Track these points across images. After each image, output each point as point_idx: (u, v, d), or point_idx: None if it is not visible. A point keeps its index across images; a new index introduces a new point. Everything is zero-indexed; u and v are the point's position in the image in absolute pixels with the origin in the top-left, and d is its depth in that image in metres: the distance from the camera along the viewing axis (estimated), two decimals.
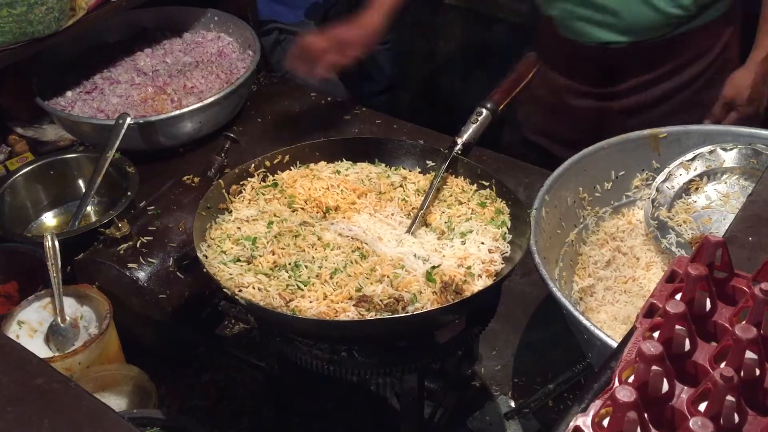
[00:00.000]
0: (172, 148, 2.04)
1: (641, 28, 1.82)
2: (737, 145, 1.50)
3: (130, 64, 2.21)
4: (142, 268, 1.40)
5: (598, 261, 1.48)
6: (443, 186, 1.36)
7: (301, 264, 1.17)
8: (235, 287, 1.13)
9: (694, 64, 1.89)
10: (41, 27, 1.74)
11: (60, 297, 1.37)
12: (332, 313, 1.09)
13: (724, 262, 0.85)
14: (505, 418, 1.41)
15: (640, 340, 0.77)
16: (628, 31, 1.84)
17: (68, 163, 1.83)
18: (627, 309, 1.37)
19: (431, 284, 1.14)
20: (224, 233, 1.25)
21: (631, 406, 0.67)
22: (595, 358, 1.27)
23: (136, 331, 1.44)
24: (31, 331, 1.37)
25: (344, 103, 2.29)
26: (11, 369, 0.96)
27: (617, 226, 1.55)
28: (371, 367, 1.14)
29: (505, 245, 1.23)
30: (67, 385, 0.94)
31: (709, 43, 1.88)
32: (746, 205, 1.18)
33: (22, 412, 0.90)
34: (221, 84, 2.12)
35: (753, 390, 0.74)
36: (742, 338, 0.72)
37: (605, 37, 1.86)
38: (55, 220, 1.82)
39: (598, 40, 1.87)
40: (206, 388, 1.49)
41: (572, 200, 1.50)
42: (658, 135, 1.55)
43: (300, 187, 1.34)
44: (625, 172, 1.56)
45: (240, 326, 1.59)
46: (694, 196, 1.51)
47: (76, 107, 2.03)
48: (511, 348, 1.55)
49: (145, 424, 1.20)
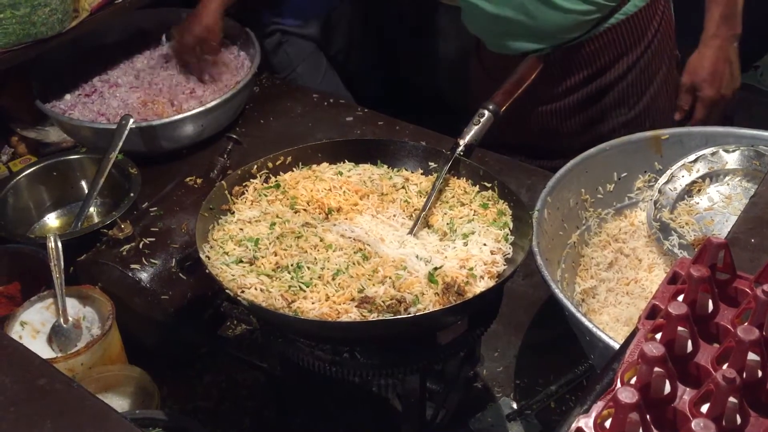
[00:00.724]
0: (173, 151, 2.04)
1: (555, 32, 1.79)
2: (740, 147, 1.50)
3: (128, 67, 2.21)
4: (145, 269, 1.40)
5: (600, 262, 1.48)
6: (445, 187, 1.36)
7: (303, 265, 1.17)
8: (238, 288, 1.13)
9: (626, 56, 1.86)
10: (44, 28, 1.75)
11: (63, 298, 1.37)
12: (334, 314, 1.09)
13: (727, 264, 0.85)
14: (507, 420, 1.41)
15: (642, 342, 0.77)
16: (544, 37, 1.80)
17: (71, 164, 1.83)
18: (629, 310, 1.37)
19: (433, 285, 1.14)
20: (227, 234, 1.25)
21: (633, 407, 0.67)
22: (597, 360, 1.26)
23: (138, 332, 1.44)
24: (34, 331, 1.37)
25: (346, 105, 2.29)
26: (14, 369, 0.96)
27: (619, 227, 1.55)
28: (373, 368, 1.14)
29: (507, 247, 1.23)
30: (70, 386, 0.94)
31: (637, 35, 1.84)
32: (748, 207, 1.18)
33: (25, 412, 0.90)
34: (221, 87, 2.12)
35: (755, 391, 0.74)
36: (744, 340, 0.72)
37: (525, 47, 1.83)
38: (58, 222, 1.82)
39: (519, 51, 1.83)
40: (208, 388, 1.49)
41: (574, 202, 1.50)
42: (660, 137, 1.55)
43: (302, 189, 1.34)
44: (628, 174, 1.56)
45: (242, 327, 1.59)
46: (696, 198, 1.51)
47: (76, 111, 2.03)
48: (513, 349, 1.55)
49: (148, 424, 1.20)
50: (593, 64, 1.86)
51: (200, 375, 1.51)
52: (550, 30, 1.79)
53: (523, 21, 1.78)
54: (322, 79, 2.57)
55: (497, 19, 1.81)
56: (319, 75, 2.59)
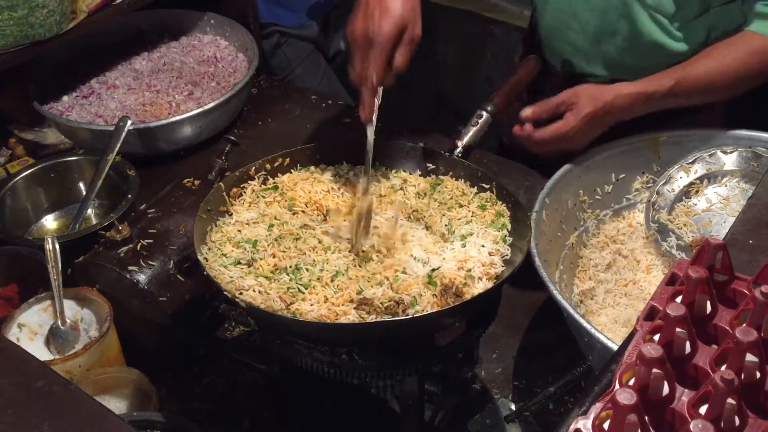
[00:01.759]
0: (172, 152, 2.04)
1: (642, 71, 1.52)
2: (737, 148, 1.50)
3: (126, 68, 2.20)
4: (143, 271, 1.40)
5: (598, 264, 1.48)
6: (444, 188, 1.36)
7: (301, 267, 1.17)
8: (236, 290, 1.13)
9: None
10: (42, 30, 1.74)
11: (60, 300, 1.37)
12: (333, 316, 1.09)
13: (725, 265, 0.85)
14: (505, 421, 1.41)
15: (640, 343, 0.77)
16: (626, 72, 1.56)
17: (69, 166, 1.83)
18: (627, 312, 1.37)
19: (431, 287, 1.14)
20: (225, 236, 1.25)
21: (631, 408, 0.67)
22: (595, 361, 1.26)
23: (136, 334, 1.44)
24: (32, 333, 1.37)
25: (345, 106, 2.29)
26: (11, 371, 0.96)
27: (618, 228, 1.55)
28: (371, 370, 1.14)
29: (505, 248, 1.23)
30: (68, 388, 0.94)
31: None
32: (746, 208, 1.18)
33: (22, 414, 0.90)
34: (219, 88, 2.12)
35: (754, 393, 0.74)
36: (742, 341, 0.72)
37: (590, 71, 1.67)
38: (56, 223, 1.82)
39: (581, 72, 1.68)
40: (206, 390, 1.49)
41: (573, 203, 1.50)
42: (659, 138, 1.55)
43: (300, 190, 1.34)
44: (626, 175, 1.56)
45: (240, 329, 1.59)
46: (694, 199, 1.51)
47: (74, 112, 2.02)
48: (512, 351, 1.55)
49: (146, 426, 1.20)
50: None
51: (198, 377, 1.51)
52: (644, 69, 1.53)
53: (623, 60, 1.62)
54: (320, 81, 2.57)
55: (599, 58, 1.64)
56: (318, 76, 2.59)
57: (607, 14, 1.58)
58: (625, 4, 1.55)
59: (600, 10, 1.59)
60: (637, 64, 1.58)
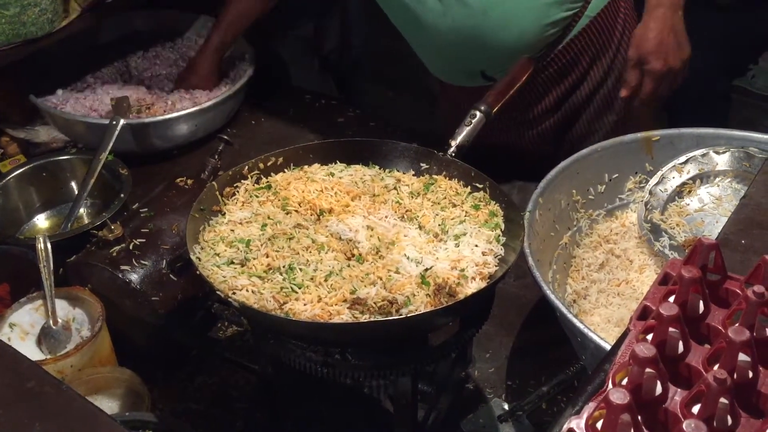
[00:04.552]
0: (165, 150, 2.03)
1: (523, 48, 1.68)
2: (730, 149, 1.51)
3: (122, 65, 2.20)
4: (135, 271, 1.39)
5: (591, 264, 1.48)
6: (437, 188, 1.36)
7: (295, 266, 1.16)
8: (229, 290, 1.13)
9: (599, 62, 1.80)
10: (34, 28, 1.74)
11: (52, 299, 1.36)
12: (326, 316, 1.09)
13: (717, 265, 0.86)
14: (498, 421, 1.41)
15: (633, 343, 0.77)
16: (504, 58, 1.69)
17: (61, 164, 1.82)
18: (620, 311, 1.37)
19: (425, 287, 1.14)
20: (218, 235, 1.24)
21: (624, 408, 0.67)
22: (588, 361, 1.27)
23: (128, 334, 1.44)
24: (23, 333, 1.36)
25: (338, 106, 2.29)
26: (2, 372, 0.95)
27: (610, 228, 1.55)
28: (365, 370, 1.14)
29: (498, 248, 1.23)
30: (59, 388, 0.93)
31: (605, 37, 1.78)
32: (739, 208, 1.19)
33: (14, 415, 0.89)
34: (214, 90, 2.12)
35: (746, 392, 0.74)
36: (735, 340, 0.72)
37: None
38: (48, 222, 1.81)
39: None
40: (199, 391, 1.49)
41: (566, 203, 1.51)
42: (651, 138, 1.55)
43: (294, 190, 1.33)
44: (619, 175, 1.57)
45: (233, 329, 1.58)
46: (687, 199, 1.52)
47: (68, 105, 2.02)
48: (505, 350, 1.55)
49: (138, 427, 1.20)
50: (567, 79, 1.81)
51: (191, 377, 1.51)
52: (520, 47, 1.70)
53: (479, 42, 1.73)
54: (314, 80, 2.57)
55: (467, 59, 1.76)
56: (312, 76, 2.59)
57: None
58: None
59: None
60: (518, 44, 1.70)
